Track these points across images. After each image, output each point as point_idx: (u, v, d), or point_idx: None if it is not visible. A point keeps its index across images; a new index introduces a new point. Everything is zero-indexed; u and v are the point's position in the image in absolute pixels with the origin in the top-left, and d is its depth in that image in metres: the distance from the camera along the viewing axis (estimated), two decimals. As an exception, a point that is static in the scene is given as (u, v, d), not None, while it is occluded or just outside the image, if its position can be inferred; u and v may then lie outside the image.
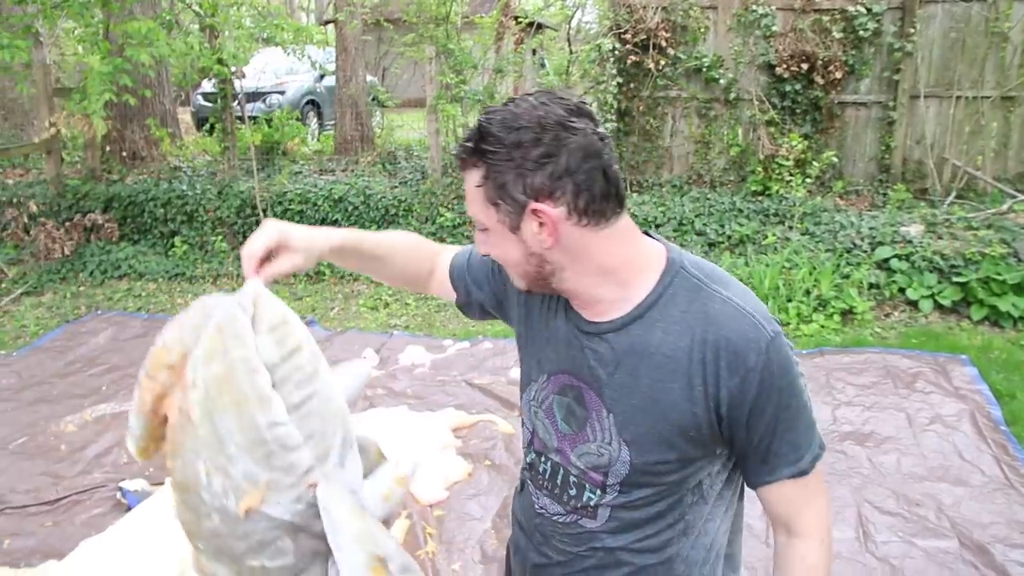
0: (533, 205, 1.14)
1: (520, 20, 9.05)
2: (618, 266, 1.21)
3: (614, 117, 7.09)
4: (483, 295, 1.53)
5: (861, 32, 6.73)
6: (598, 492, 1.28)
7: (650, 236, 1.28)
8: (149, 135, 8.37)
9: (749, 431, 1.20)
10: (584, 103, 1.18)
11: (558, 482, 1.34)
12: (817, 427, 1.26)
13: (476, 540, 3.26)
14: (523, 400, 1.42)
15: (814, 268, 5.87)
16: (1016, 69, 6.66)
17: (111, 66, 6.19)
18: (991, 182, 6.72)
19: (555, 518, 1.35)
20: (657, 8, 6.98)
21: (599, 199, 1.15)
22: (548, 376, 1.34)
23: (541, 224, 1.16)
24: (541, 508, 1.38)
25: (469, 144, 1.17)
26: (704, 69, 7.09)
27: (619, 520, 1.29)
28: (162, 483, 3.58)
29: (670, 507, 1.27)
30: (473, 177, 1.18)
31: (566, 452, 1.31)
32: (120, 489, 3.58)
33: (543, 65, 12.87)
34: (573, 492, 1.32)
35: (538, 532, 1.40)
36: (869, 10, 6.69)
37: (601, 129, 1.17)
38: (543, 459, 1.37)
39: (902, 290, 5.84)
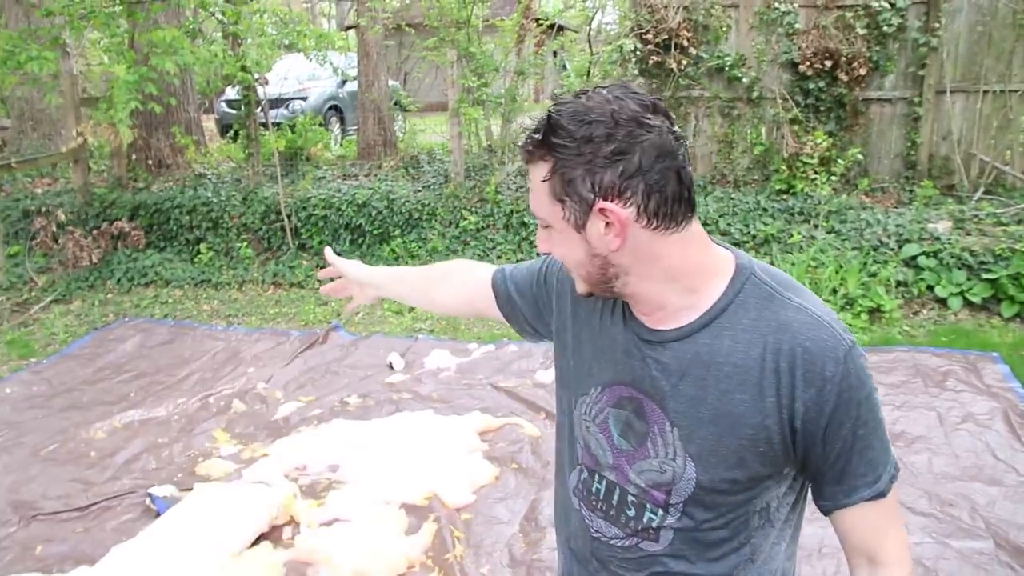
0: (601, 204, 1.08)
1: (541, 22, 9.04)
2: (687, 272, 1.15)
3: (636, 118, 7.06)
4: (524, 302, 1.49)
5: (885, 28, 6.66)
6: (660, 512, 1.21)
7: (717, 244, 1.22)
8: (174, 143, 8.47)
9: (825, 447, 1.12)
10: (660, 100, 1.13)
11: (614, 502, 1.26)
12: (892, 447, 1.19)
13: (504, 543, 3.25)
14: (566, 413, 1.35)
15: (841, 267, 5.80)
16: (1045, 62, 6.56)
17: (136, 75, 6.27)
18: (1020, 177, 6.61)
19: (613, 542, 1.27)
20: (678, 8, 6.95)
21: (671, 201, 1.09)
22: (602, 388, 1.25)
23: (608, 224, 1.10)
24: (597, 532, 1.29)
25: (537, 136, 1.11)
26: (726, 68, 7.05)
27: (683, 543, 1.21)
28: (190, 489, 3.61)
29: (736, 531, 1.20)
30: (539, 171, 1.12)
31: (623, 469, 1.23)
32: (149, 495, 3.61)
33: (564, 67, 12.86)
34: (632, 513, 1.23)
35: (594, 559, 1.31)
36: (893, 5, 6.62)
37: (676, 128, 1.11)
38: (596, 477, 1.28)
39: (930, 288, 5.77)
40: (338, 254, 1.77)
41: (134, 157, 8.39)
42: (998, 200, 6.46)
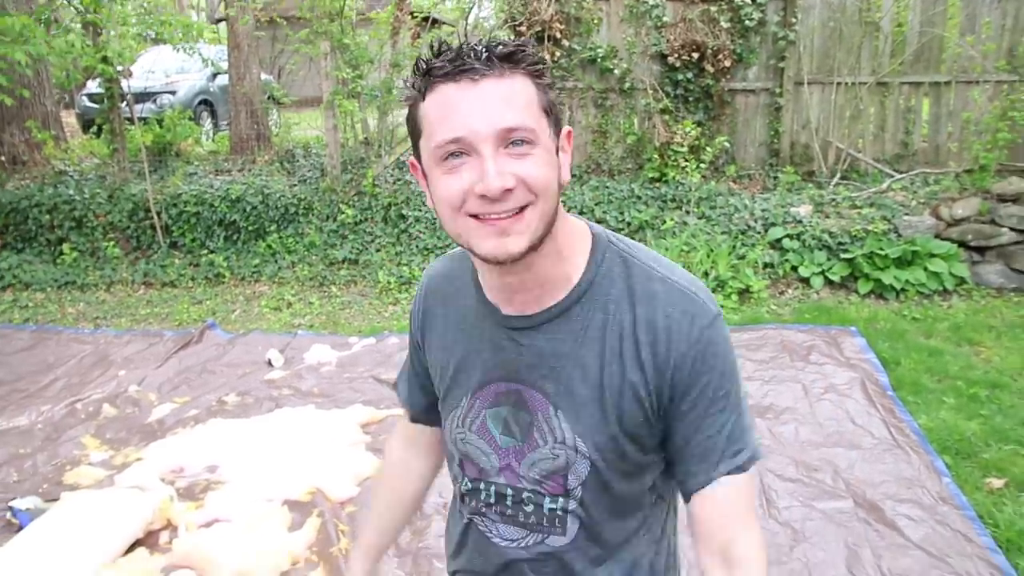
0: (568, 127, 1.06)
1: (415, 15, 8.99)
2: (563, 231, 1.11)
3: (513, 109, 7.12)
4: (423, 374, 1.37)
5: (747, 22, 6.96)
6: (560, 500, 1.16)
7: None
8: (31, 138, 7.98)
9: (690, 408, 1.10)
10: None
11: (508, 504, 1.19)
12: (755, 434, 1.15)
13: (390, 533, 3.23)
14: (444, 437, 1.28)
15: (711, 250, 6.05)
16: (888, 57, 7.00)
17: (-17, 65, 5.88)
18: (871, 163, 7.05)
19: (517, 543, 1.21)
20: (551, 0, 7.05)
21: None
22: (472, 393, 1.19)
23: (563, 151, 1.06)
24: (498, 537, 1.23)
25: (503, 48, 1.00)
26: (599, 60, 7.20)
27: (588, 531, 1.17)
28: (56, 499, 3.43)
29: (633, 510, 1.18)
30: (517, 82, 1.00)
31: (513, 468, 1.17)
32: (10, 508, 3.40)
33: (441, 60, 12.81)
34: (530, 508, 1.18)
35: (504, 568, 1.24)
36: (753, 0, 6.92)
37: None
38: (483, 485, 1.21)
39: (794, 268, 6.09)
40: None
41: (-15, 153, 7.87)
42: (853, 185, 6.86)
